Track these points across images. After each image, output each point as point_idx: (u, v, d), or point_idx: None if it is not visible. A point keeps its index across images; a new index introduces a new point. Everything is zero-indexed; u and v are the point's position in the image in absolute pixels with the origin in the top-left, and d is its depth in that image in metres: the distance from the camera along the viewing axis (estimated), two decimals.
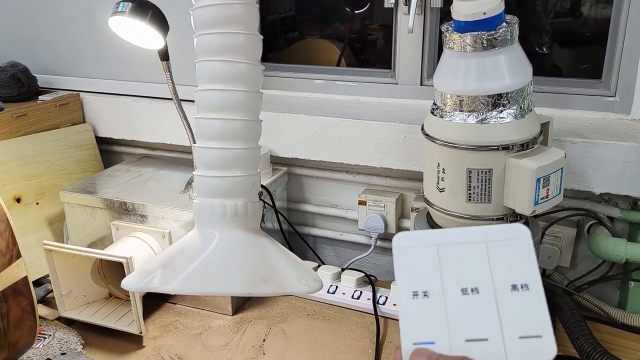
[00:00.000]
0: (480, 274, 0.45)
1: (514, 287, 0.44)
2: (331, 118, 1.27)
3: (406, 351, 0.44)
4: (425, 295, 0.45)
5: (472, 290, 0.45)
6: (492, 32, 0.87)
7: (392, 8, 1.29)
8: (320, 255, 1.45)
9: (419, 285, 0.46)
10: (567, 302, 1.09)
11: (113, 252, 1.11)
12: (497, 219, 0.95)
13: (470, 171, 0.92)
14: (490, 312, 0.44)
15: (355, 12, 1.75)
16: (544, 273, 1.22)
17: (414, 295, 0.46)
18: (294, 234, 1.42)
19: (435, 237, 0.47)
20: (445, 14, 1.27)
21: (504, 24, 0.88)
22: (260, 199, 0.86)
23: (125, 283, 0.81)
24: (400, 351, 0.45)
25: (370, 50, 1.77)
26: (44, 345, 1.10)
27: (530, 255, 0.45)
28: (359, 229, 1.36)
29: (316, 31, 1.84)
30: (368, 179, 1.34)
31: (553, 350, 0.42)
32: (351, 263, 1.37)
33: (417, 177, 1.26)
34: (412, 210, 1.27)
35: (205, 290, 0.80)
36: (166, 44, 1.11)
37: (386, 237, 1.35)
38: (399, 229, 1.33)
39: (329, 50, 1.71)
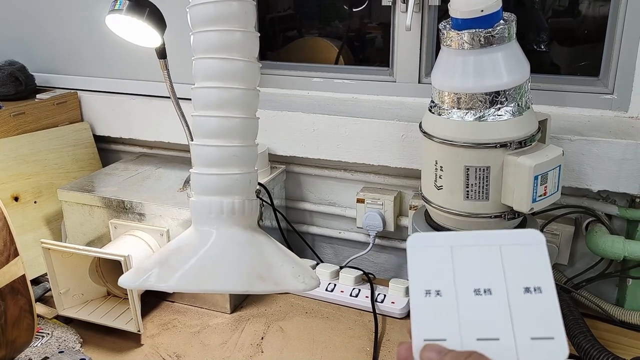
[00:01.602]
0: (493, 276, 0.46)
1: (527, 289, 0.45)
2: (329, 116, 1.27)
3: (417, 347, 0.45)
4: (437, 294, 0.46)
5: (484, 291, 0.45)
6: (490, 29, 0.87)
7: (390, 6, 1.29)
8: (318, 254, 1.45)
9: (432, 284, 0.46)
10: (565, 299, 1.09)
11: (111, 251, 1.11)
12: (495, 217, 0.95)
13: (468, 169, 0.92)
14: (502, 313, 0.44)
15: (354, 10, 1.75)
16: None
17: (427, 293, 0.46)
18: (292, 232, 1.42)
19: (449, 238, 0.48)
20: (443, 13, 1.27)
21: (502, 21, 0.89)
22: (259, 197, 0.86)
23: (122, 281, 0.81)
24: (404, 347, 0.45)
25: (368, 48, 1.77)
26: (42, 343, 1.10)
27: (544, 260, 0.45)
28: (358, 227, 1.36)
29: (314, 29, 1.84)
30: (366, 177, 1.34)
31: (565, 352, 0.42)
32: (349, 261, 1.37)
33: (415, 174, 1.26)
34: (410, 208, 1.27)
35: (202, 288, 0.80)
36: (163, 42, 1.11)
37: (384, 235, 1.35)
38: (397, 226, 1.33)
39: (327, 48, 1.71)
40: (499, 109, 0.90)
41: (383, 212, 1.31)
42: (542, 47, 1.42)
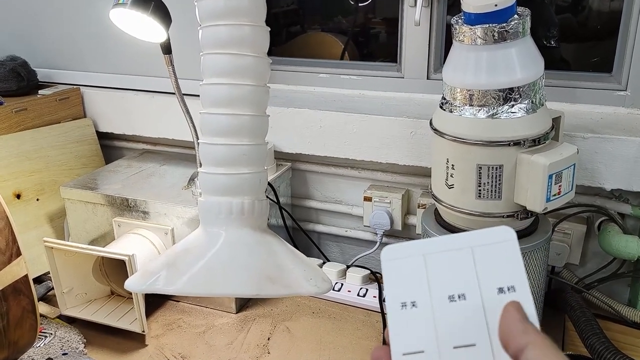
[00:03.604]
0: (466, 280, 0.45)
1: (501, 289, 0.44)
2: (336, 113, 1.25)
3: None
4: (413, 305, 0.46)
5: (459, 297, 0.45)
6: (504, 24, 0.85)
7: (398, 1, 1.27)
8: (324, 252, 1.43)
9: (407, 296, 0.46)
10: (577, 300, 1.07)
11: (115, 250, 1.09)
12: (508, 216, 0.93)
13: (480, 167, 0.90)
14: (477, 318, 0.44)
15: (359, 4, 1.73)
16: (552, 270, 1.20)
17: (403, 306, 0.46)
18: (298, 230, 1.40)
19: (422, 247, 0.48)
20: (450, 5, 1.25)
21: (516, 16, 0.86)
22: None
23: (129, 284, 0.79)
24: (377, 351, 0.46)
25: (372, 43, 1.75)
26: (45, 344, 1.08)
27: (516, 256, 0.45)
28: (364, 226, 1.34)
29: (317, 25, 1.82)
30: (373, 175, 1.32)
31: None
32: (356, 260, 1.35)
33: (424, 172, 1.24)
34: (418, 207, 1.25)
35: (211, 292, 0.78)
36: (168, 37, 1.09)
37: (392, 233, 1.33)
38: (405, 225, 1.31)
39: (332, 43, 1.68)
40: (513, 106, 0.88)
41: (390, 211, 1.29)
42: (552, 42, 1.40)
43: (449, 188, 0.95)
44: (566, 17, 1.45)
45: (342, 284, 1.22)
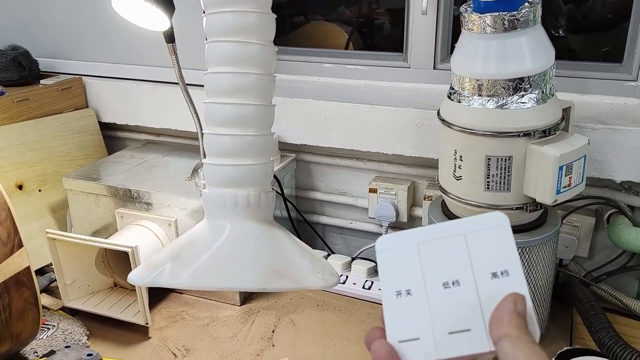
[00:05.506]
0: (460, 266, 0.46)
1: (494, 274, 0.44)
2: (341, 103, 1.23)
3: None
4: (408, 293, 0.46)
5: (453, 283, 0.45)
6: (514, 12, 0.83)
7: None
8: (329, 244, 1.42)
9: (402, 285, 0.46)
10: (585, 293, 1.05)
11: (118, 241, 1.08)
12: (517, 208, 0.92)
13: (489, 158, 0.89)
14: (471, 303, 0.44)
15: None
16: (560, 263, 1.19)
17: (398, 294, 0.46)
18: (302, 222, 1.39)
19: (416, 235, 0.48)
20: None
21: (527, 3, 0.85)
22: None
23: (133, 277, 0.77)
24: (371, 332, 0.46)
25: (376, 34, 1.72)
26: (47, 336, 1.07)
27: (508, 241, 0.45)
28: (369, 217, 1.33)
29: (320, 15, 1.79)
30: (379, 166, 1.30)
31: (536, 333, 0.42)
32: (361, 252, 1.34)
33: (430, 164, 1.23)
34: (424, 199, 1.23)
35: (217, 286, 0.76)
36: (172, 25, 1.07)
37: (398, 225, 1.32)
38: (411, 217, 1.30)
39: (336, 34, 1.66)
40: (523, 96, 0.86)
41: (396, 203, 1.27)
42: (561, 32, 1.38)
43: (457, 179, 0.94)
44: (575, 5, 1.43)
45: (347, 277, 1.21)
